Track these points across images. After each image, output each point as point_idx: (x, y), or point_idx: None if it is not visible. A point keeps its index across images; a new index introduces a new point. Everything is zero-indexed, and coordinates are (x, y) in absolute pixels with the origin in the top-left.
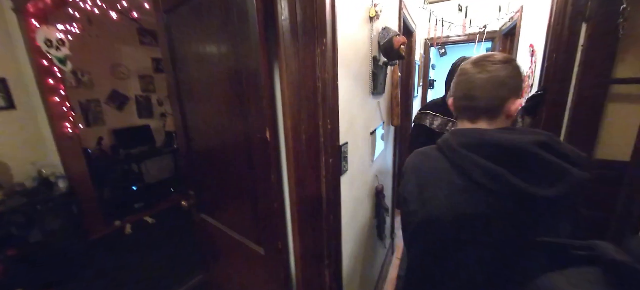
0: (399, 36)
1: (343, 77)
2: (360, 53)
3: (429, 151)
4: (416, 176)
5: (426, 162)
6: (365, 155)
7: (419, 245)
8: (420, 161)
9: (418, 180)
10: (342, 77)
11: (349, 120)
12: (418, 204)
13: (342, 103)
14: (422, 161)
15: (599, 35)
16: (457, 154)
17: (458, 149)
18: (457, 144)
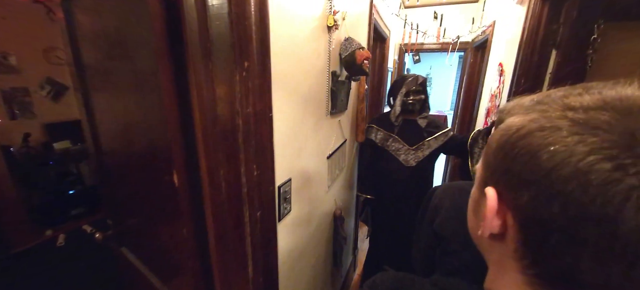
0: (362, 50)
1: (285, 103)
2: (313, 69)
3: (468, 188)
4: (457, 215)
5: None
6: (319, 185)
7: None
8: (460, 198)
9: (460, 220)
10: (284, 104)
11: (295, 152)
12: (460, 245)
13: (283, 135)
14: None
15: (567, 64)
16: None
17: None
18: None
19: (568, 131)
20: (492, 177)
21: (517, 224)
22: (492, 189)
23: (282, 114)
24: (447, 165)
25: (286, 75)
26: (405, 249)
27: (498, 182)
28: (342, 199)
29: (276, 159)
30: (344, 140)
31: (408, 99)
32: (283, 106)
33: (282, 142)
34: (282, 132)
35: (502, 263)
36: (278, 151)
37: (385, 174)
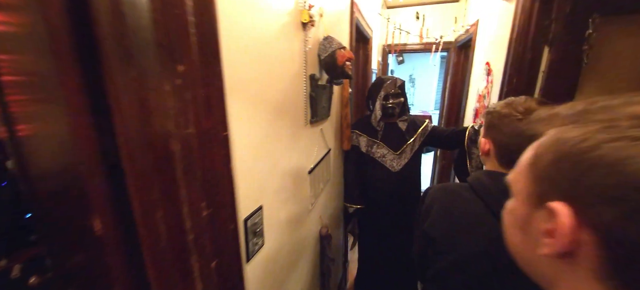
0: (343, 50)
1: (249, 116)
2: (287, 73)
3: (459, 191)
4: (447, 217)
5: (459, 204)
6: (300, 205)
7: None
8: (451, 201)
9: (451, 222)
10: (248, 117)
11: (266, 174)
12: (448, 246)
13: (248, 156)
14: (453, 201)
15: (561, 61)
16: (496, 201)
17: (498, 195)
18: (500, 191)
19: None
20: (556, 192)
21: (598, 242)
22: (564, 204)
23: (245, 130)
24: (435, 167)
25: (249, 82)
26: (396, 257)
27: (567, 196)
28: (329, 213)
29: (239, 188)
30: (328, 150)
31: (388, 103)
32: (246, 120)
33: (247, 165)
34: (247, 152)
35: (572, 283)
36: (241, 177)
37: (372, 182)
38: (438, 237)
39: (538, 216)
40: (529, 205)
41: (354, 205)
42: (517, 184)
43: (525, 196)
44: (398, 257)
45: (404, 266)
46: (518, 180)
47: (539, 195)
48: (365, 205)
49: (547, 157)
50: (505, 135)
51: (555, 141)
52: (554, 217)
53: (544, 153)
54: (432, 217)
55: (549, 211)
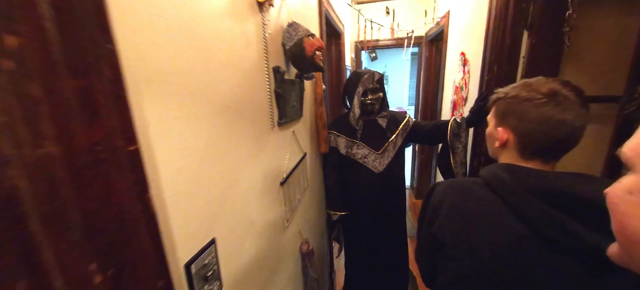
0: (312, 37)
1: (186, 119)
2: (240, 63)
3: (472, 187)
4: (459, 218)
5: (473, 203)
6: (272, 224)
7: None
8: (464, 200)
9: (464, 224)
10: (183, 121)
11: (218, 196)
12: (462, 251)
13: (185, 178)
14: (465, 200)
15: (542, 45)
16: (519, 199)
17: (521, 193)
18: (523, 188)
19: None
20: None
21: None
22: None
23: (177, 141)
24: (414, 162)
25: (179, 73)
26: (385, 262)
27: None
28: (310, 225)
29: (171, 224)
30: (304, 155)
31: (366, 99)
32: (179, 126)
33: (185, 188)
34: (183, 171)
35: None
36: (175, 207)
37: (354, 185)
38: (450, 241)
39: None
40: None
41: (338, 212)
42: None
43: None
44: (386, 262)
45: (393, 271)
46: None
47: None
48: (350, 211)
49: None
50: (529, 122)
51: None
52: None
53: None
54: (442, 219)
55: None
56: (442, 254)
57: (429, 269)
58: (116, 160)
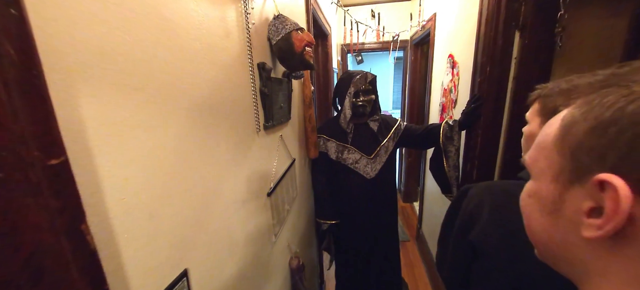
0: (301, 31)
1: (145, 120)
2: (220, 55)
3: (515, 191)
4: (505, 225)
5: (517, 207)
6: (258, 240)
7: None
8: (507, 205)
9: (510, 232)
10: (141, 123)
11: (190, 219)
12: (508, 262)
13: (147, 196)
14: (509, 205)
15: (534, 46)
16: None
17: None
18: None
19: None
20: (600, 164)
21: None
22: (618, 177)
23: (134, 149)
24: (401, 166)
25: (135, 61)
26: (377, 272)
27: (616, 167)
28: (299, 236)
29: (126, 260)
30: (292, 161)
31: (358, 101)
32: (134, 131)
33: (146, 210)
34: (143, 191)
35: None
36: (130, 237)
37: (345, 192)
38: (493, 250)
39: (574, 195)
40: (559, 184)
41: (328, 221)
42: (537, 163)
43: (554, 175)
44: (378, 271)
45: (386, 280)
46: (538, 158)
47: (576, 172)
48: (340, 219)
49: (583, 127)
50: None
51: (590, 109)
52: (604, 192)
53: (576, 124)
54: (483, 225)
55: (595, 186)
56: (482, 263)
57: (460, 281)
58: (27, 180)
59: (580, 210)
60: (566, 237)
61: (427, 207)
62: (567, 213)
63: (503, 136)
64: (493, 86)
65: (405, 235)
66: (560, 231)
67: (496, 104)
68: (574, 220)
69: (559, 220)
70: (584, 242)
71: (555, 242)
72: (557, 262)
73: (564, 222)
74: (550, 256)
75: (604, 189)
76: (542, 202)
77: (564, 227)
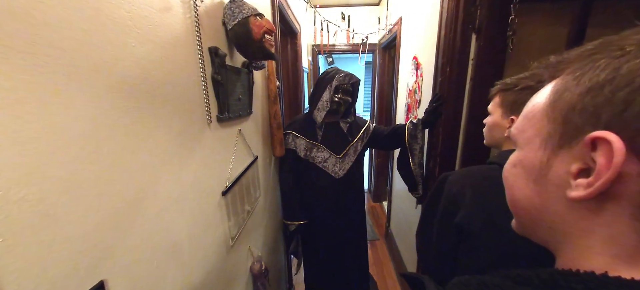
0: (260, 17)
1: (34, 88)
2: (156, 35)
3: (491, 173)
4: (488, 205)
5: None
6: (209, 247)
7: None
8: (487, 186)
9: (491, 212)
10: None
11: (111, 216)
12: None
13: (38, 192)
14: (489, 187)
15: (488, 48)
16: None
17: None
18: None
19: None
20: (593, 123)
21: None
22: (612, 133)
23: (18, 129)
24: (371, 166)
25: (20, 16)
26: (346, 272)
27: (611, 125)
28: (263, 239)
29: (3, 273)
30: (254, 158)
31: (335, 96)
32: (20, 105)
33: (39, 209)
34: (33, 184)
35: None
36: (13, 243)
37: (313, 191)
38: (478, 230)
39: (562, 159)
40: (547, 149)
41: (295, 222)
42: (524, 133)
43: (542, 141)
44: (348, 269)
45: (355, 278)
46: (526, 128)
47: (566, 134)
48: (308, 220)
49: (577, 91)
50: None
51: (583, 73)
52: (596, 150)
53: (568, 89)
54: (467, 208)
55: (586, 146)
56: (470, 243)
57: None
58: None
59: (568, 173)
60: (550, 203)
61: (395, 206)
62: (554, 178)
63: (462, 134)
64: (453, 86)
65: (375, 234)
66: (544, 197)
67: (456, 103)
68: (560, 184)
69: (544, 186)
70: (568, 205)
71: (537, 209)
72: (536, 230)
73: (549, 187)
74: (529, 225)
75: (596, 147)
76: (528, 170)
77: (548, 193)
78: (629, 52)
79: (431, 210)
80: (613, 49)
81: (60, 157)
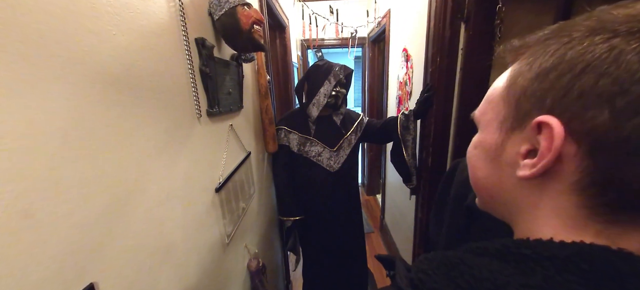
0: (247, 7)
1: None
2: (138, 23)
3: None
4: None
5: None
6: (204, 245)
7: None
8: None
9: None
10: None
11: (95, 222)
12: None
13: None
14: None
15: (477, 37)
16: None
17: None
18: None
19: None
20: (539, 108)
21: (584, 151)
22: (554, 117)
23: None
24: (364, 160)
25: None
26: (344, 264)
27: (553, 109)
28: (259, 236)
29: None
30: (247, 154)
31: (335, 89)
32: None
33: (17, 206)
34: (14, 181)
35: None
36: None
37: (308, 186)
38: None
39: (514, 140)
40: (502, 131)
41: (291, 218)
42: (485, 115)
43: (499, 124)
44: (346, 264)
45: (353, 272)
46: (487, 111)
47: (518, 118)
48: (304, 215)
49: (528, 76)
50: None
51: (534, 59)
52: (540, 133)
53: (522, 74)
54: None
55: (533, 129)
56: (480, 224)
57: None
58: None
59: (518, 154)
60: (504, 181)
61: (389, 198)
62: (507, 158)
63: (454, 123)
64: (443, 76)
65: (370, 227)
66: (499, 176)
67: (446, 93)
68: (511, 164)
69: (499, 165)
70: (519, 182)
71: (495, 187)
72: (495, 206)
73: (503, 167)
74: (489, 202)
75: (540, 130)
76: (486, 151)
77: (502, 172)
78: (575, 38)
79: (444, 198)
80: (563, 35)
81: (38, 154)
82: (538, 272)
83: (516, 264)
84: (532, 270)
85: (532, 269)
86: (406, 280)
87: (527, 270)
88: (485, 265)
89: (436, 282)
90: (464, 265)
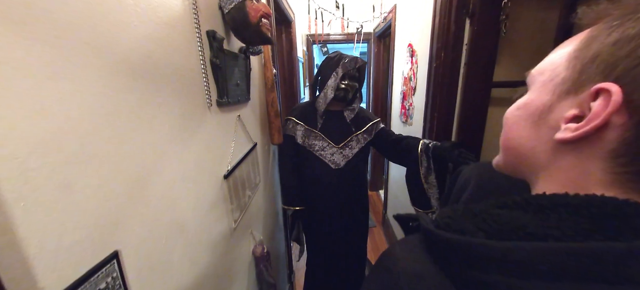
0: (255, 1)
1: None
2: (156, 15)
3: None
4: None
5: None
6: (214, 226)
7: None
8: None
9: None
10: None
11: (119, 197)
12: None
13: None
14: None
15: (482, 32)
16: None
17: None
18: None
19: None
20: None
21: (635, 122)
22: (616, 85)
23: (29, 102)
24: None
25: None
26: (346, 257)
27: (618, 78)
28: (264, 224)
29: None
30: (253, 145)
31: (342, 83)
32: (30, 79)
33: (57, 179)
34: (50, 154)
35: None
36: (31, 210)
37: (311, 179)
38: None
39: (564, 104)
40: (555, 94)
41: (292, 207)
42: (542, 75)
43: (554, 86)
44: (347, 257)
45: (353, 264)
46: (545, 71)
47: (576, 82)
48: (307, 208)
49: (606, 41)
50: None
51: (619, 24)
52: (596, 100)
53: (597, 39)
54: (468, 193)
55: (591, 95)
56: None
57: None
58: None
59: (562, 118)
60: (538, 143)
61: (391, 193)
62: (550, 121)
63: (456, 118)
64: (447, 71)
65: (372, 222)
66: (535, 137)
67: (450, 88)
68: (553, 127)
69: (538, 127)
70: (553, 145)
71: (526, 148)
72: (518, 167)
73: (543, 129)
74: (514, 162)
75: (596, 97)
76: (531, 112)
77: (539, 133)
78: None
79: (446, 199)
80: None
81: (72, 130)
82: (552, 217)
83: (534, 213)
84: (547, 216)
85: (548, 215)
86: (432, 225)
87: (543, 216)
88: (505, 213)
89: (462, 225)
90: (486, 214)
